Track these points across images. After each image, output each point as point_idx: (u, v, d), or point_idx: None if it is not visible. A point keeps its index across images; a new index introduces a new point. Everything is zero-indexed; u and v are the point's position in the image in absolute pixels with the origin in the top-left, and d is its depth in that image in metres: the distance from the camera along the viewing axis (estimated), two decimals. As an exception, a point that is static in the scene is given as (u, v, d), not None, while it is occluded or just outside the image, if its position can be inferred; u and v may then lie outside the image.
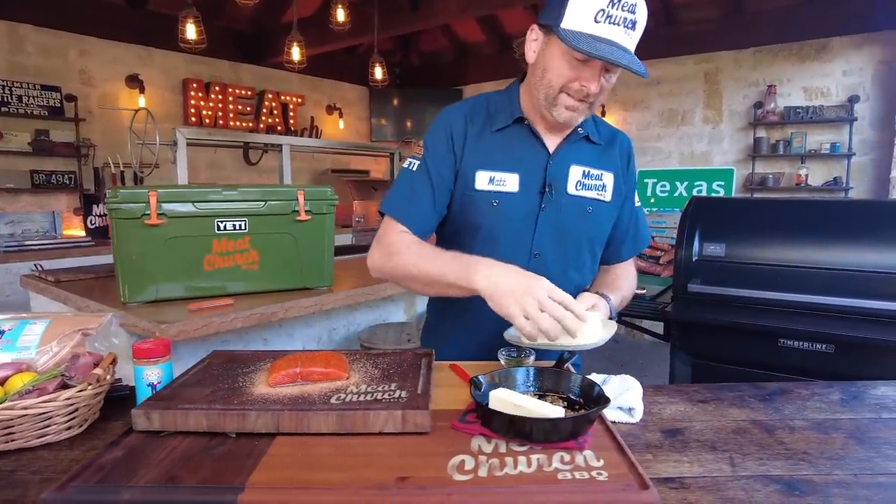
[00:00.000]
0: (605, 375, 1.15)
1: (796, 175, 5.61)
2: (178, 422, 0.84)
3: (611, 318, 1.21)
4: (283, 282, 2.17)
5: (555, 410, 0.81)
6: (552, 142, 1.24)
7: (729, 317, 1.86)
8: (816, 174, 5.62)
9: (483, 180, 1.20)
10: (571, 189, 1.24)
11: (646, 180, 6.16)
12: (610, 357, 4.39)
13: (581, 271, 1.29)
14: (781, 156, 5.69)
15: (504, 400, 0.85)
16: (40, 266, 2.58)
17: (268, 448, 0.80)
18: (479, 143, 1.22)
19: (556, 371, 0.96)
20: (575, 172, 1.24)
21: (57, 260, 3.76)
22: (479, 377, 0.92)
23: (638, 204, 1.39)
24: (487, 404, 0.86)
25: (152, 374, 1.04)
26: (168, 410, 0.85)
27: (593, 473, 0.72)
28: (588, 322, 1.01)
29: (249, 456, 0.78)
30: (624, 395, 1.03)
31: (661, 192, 6.02)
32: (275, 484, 0.71)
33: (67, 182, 4.82)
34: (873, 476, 0.82)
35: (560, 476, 0.71)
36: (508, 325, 1.04)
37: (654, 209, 5.89)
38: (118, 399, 1.08)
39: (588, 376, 1.13)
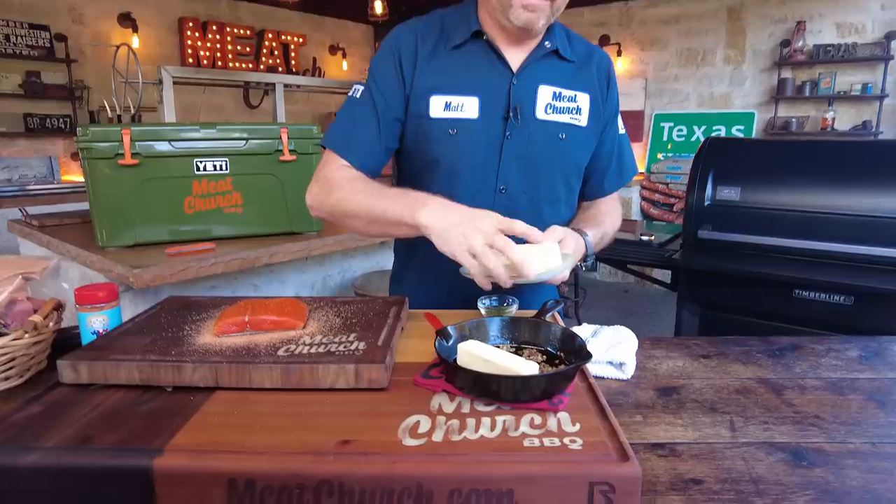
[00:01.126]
0: (597, 326, 1.04)
1: (822, 119, 5.30)
2: (108, 374, 0.75)
3: (588, 256, 1.07)
4: (269, 226, 2.07)
5: (528, 366, 0.70)
6: (516, 58, 1.08)
7: (741, 265, 1.73)
8: (844, 118, 5.31)
9: (438, 106, 1.06)
10: (540, 113, 1.09)
11: (662, 124, 5.89)
12: (616, 306, 4.30)
13: (555, 206, 1.16)
14: (807, 98, 5.37)
15: (472, 354, 0.75)
16: (25, 211, 2.50)
17: (203, 404, 0.71)
18: (432, 63, 1.07)
19: (535, 322, 0.85)
20: (544, 94, 1.09)
21: (56, 205, 3.69)
22: (449, 328, 0.82)
23: (622, 131, 1.24)
24: (455, 359, 0.76)
25: (97, 322, 0.95)
26: (97, 362, 0.76)
27: (566, 440, 0.62)
28: (542, 252, 0.90)
29: (180, 413, 0.69)
30: (615, 349, 0.93)
31: (678, 136, 5.77)
32: (197, 447, 0.61)
33: (63, 126, 4.69)
34: (895, 445, 0.71)
35: (526, 443, 0.61)
36: None
37: (670, 154, 5.65)
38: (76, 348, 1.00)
39: (578, 327, 1.02)
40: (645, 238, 2.10)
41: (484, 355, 0.73)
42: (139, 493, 0.59)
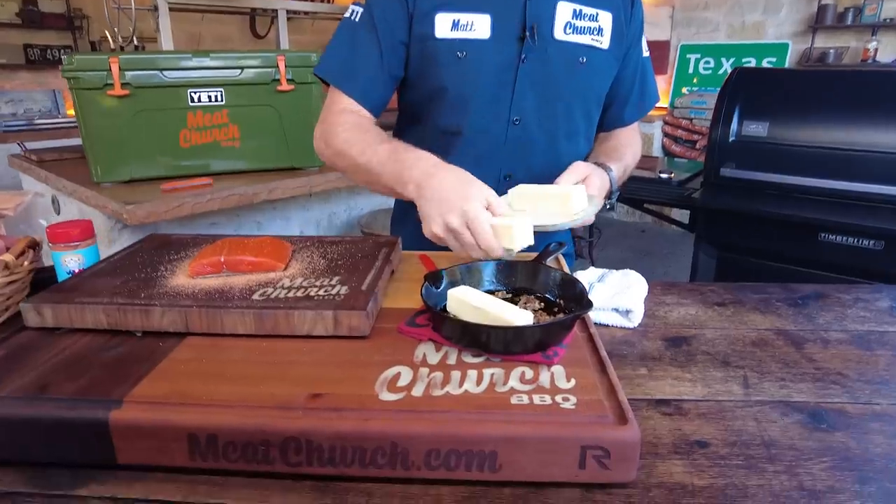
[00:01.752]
0: (605, 271, 0.97)
1: (863, 49, 4.94)
2: (74, 318, 0.71)
3: (612, 193, 1.00)
4: (268, 160, 1.99)
5: (521, 315, 0.64)
6: None
7: (763, 206, 1.62)
8: (888, 49, 4.94)
9: (444, 25, 0.95)
10: (559, 33, 0.97)
11: (688, 56, 5.56)
12: (633, 246, 4.21)
13: (574, 140, 1.06)
14: (848, 27, 4.99)
15: (462, 301, 0.68)
16: (24, 146, 2.44)
17: (172, 351, 0.66)
18: None
19: (533, 266, 0.78)
20: (563, 11, 0.97)
21: (61, 140, 3.63)
22: (441, 271, 0.75)
23: (646, 54, 1.12)
24: (444, 306, 0.70)
25: (72, 261, 0.90)
26: (61, 305, 0.71)
27: (558, 398, 0.56)
28: (571, 198, 0.82)
29: (147, 360, 0.64)
30: (622, 295, 0.86)
31: (705, 69, 5.45)
32: (159, 398, 0.57)
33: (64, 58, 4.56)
34: (927, 406, 0.64)
35: (514, 400, 0.55)
36: None
37: (695, 88, 5.36)
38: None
39: (584, 271, 0.95)
40: (664, 176, 1.98)
41: (474, 302, 0.67)
42: (97, 446, 0.55)
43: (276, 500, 0.52)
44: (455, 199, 0.75)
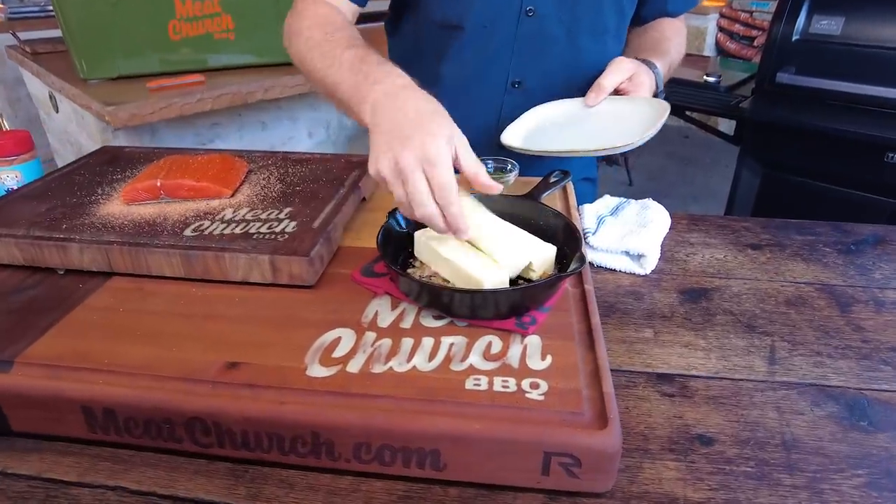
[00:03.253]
0: (622, 200, 0.82)
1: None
2: (-14, 250, 0.62)
3: (658, 93, 0.83)
4: (266, 54, 1.81)
5: (494, 273, 0.51)
6: None
7: (822, 119, 1.39)
8: None
9: None
10: None
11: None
12: (673, 153, 3.92)
13: (600, 39, 0.87)
14: None
15: (430, 248, 0.56)
16: (17, 36, 2.29)
17: (91, 294, 0.57)
18: None
19: (522, 203, 0.64)
20: None
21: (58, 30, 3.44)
22: (406, 207, 0.62)
23: None
24: (409, 255, 0.58)
25: (9, 178, 0.81)
26: (-28, 234, 0.62)
27: (525, 384, 0.44)
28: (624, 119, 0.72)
29: (60, 306, 0.55)
30: (635, 235, 0.72)
31: (777, -52, 4.74)
32: (54, 360, 0.48)
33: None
34: None
35: (469, 384, 0.45)
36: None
37: (761, -27, 4.70)
38: None
39: (592, 205, 0.80)
40: (711, 79, 1.73)
41: (444, 252, 0.54)
42: (-15, 412, 0.47)
43: (183, 486, 0.45)
44: (414, 131, 0.53)
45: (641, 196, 0.83)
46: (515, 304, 0.50)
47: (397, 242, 0.59)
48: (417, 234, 0.57)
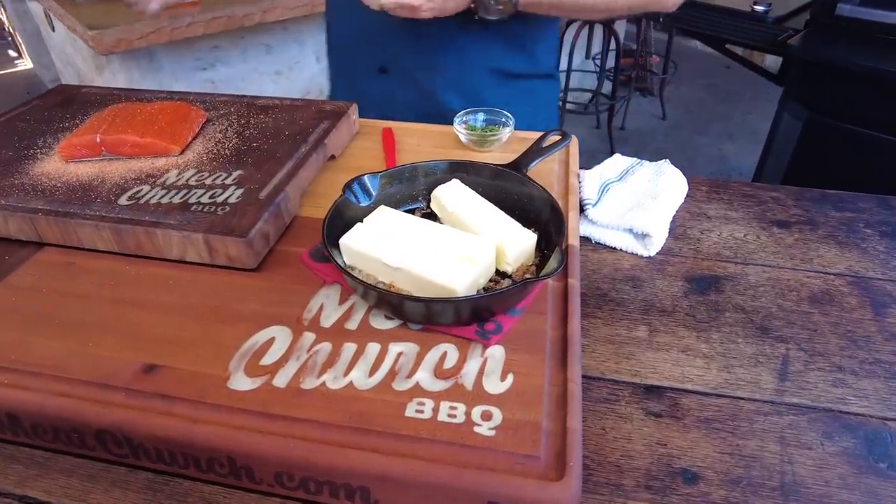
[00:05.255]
0: (633, 162, 0.72)
1: None
2: None
3: None
4: (265, -27, 1.66)
5: (456, 275, 0.43)
6: None
7: (881, 62, 1.21)
8: None
9: None
10: None
11: None
12: (712, 86, 3.64)
13: None
14: None
15: (371, 259, 0.47)
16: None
17: (16, 269, 0.52)
18: None
19: (501, 173, 0.54)
20: None
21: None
22: (366, 179, 0.53)
23: None
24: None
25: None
26: None
27: (475, 414, 0.38)
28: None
29: (-20, 282, 0.50)
30: (641, 210, 0.62)
31: None
32: (-42, 352, 0.43)
33: None
34: None
35: (410, 411, 0.38)
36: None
37: None
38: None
39: (600, 166, 0.71)
40: (760, 8, 1.52)
41: (392, 261, 0.45)
42: None
43: (97, 498, 0.40)
44: None
45: (674, 132, 0.73)
46: (479, 309, 0.43)
47: (352, 221, 0.51)
48: (344, 241, 0.48)
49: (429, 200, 0.56)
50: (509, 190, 0.54)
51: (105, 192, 0.55)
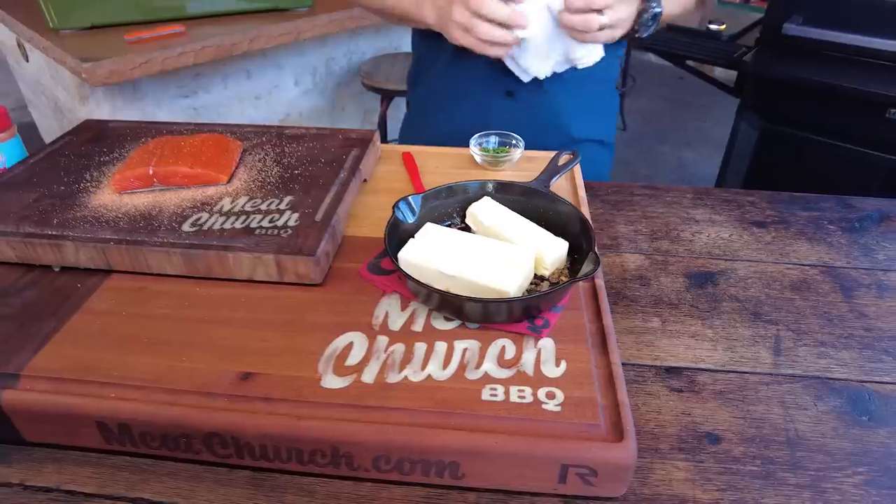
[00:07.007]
0: None
1: None
2: (-23, 247, 0.59)
3: (651, 9, 0.77)
4: (249, 0, 1.71)
5: (507, 277, 0.50)
6: None
7: (826, 75, 1.35)
8: None
9: None
10: None
11: None
12: (669, 96, 3.84)
13: None
14: None
15: (427, 270, 0.54)
16: (-24, -28, 2.12)
17: (91, 295, 0.56)
18: None
19: (529, 190, 0.62)
20: None
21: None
22: (411, 199, 0.60)
23: None
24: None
25: (-10, 158, 0.77)
26: (-40, 231, 0.59)
27: (541, 394, 0.45)
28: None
29: (59, 310, 0.54)
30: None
31: None
32: (62, 371, 0.47)
33: None
34: None
35: (486, 394, 0.45)
36: None
37: None
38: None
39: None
40: (714, 27, 1.66)
41: (445, 269, 0.51)
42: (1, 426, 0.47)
43: (203, 496, 0.45)
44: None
45: (635, 142, 0.84)
46: (531, 308, 0.50)
47: (403, 235, 0.58)
48: (413, 245, 0.55)
49: (462, 216, 0.63)
50: (536, 205, 0.61)
51: (166, 220, 0.60)
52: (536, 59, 0.80)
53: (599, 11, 0.71)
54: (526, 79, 0.84)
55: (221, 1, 1.70)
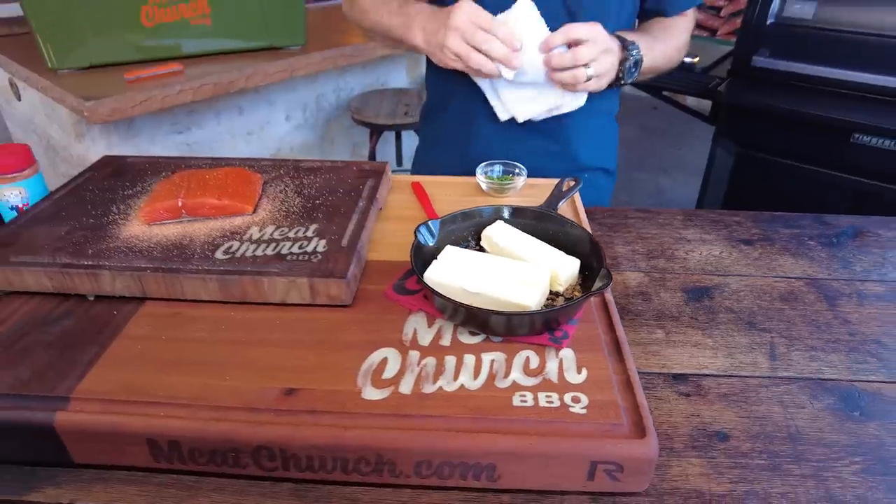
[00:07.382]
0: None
1: None
2: (13, 281, 0.62)
3: (631, 58, 0.83)
4: (244, 38, 1.77)
5: (526, 293, 0.55)
6: None
7: (794, 103, 1.45)
8: None
9: None
10: None
11: None
12: (644, 125, 3.99)
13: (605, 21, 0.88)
14: None
15: (452, 288, 0.58)
16: (-32, 14, 2.15)
17: (128, 322, 0.58)
18: None
19: (539, 213, 0.67)
20: None
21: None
22: (430, 223, 0.65)
23: None
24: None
25: (13, 195, 0.80)
26: (-3, 264, 0.62)
27: (567, 398, 0.49)
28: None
29: (98, 337, 0.56)
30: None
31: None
32: (110, 393, 0.50)
33: None
34: (974, 388, 0.58)
35: (516, 401, 0.48)
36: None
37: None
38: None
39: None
40: (687, 60, 1.77)
41: (468, 286, 0.56)
42: (46, 448, 0.49)
43: (251, 508, 0.48)
44: (439, 23, 0.79)
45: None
46: (551, 321, 0.54)
47: (425, 257, 0.62)
48: (437, 265, 0.59)
49: (477, 239, 0.67)
50: (546, 227, 0.66)
51: (198, 248, 0.63)
52: (520, 103, 0.86)
53: (586, 65, 0.78)
54: (504, 117, 0.89)
55: (218, 41, 1.76)
